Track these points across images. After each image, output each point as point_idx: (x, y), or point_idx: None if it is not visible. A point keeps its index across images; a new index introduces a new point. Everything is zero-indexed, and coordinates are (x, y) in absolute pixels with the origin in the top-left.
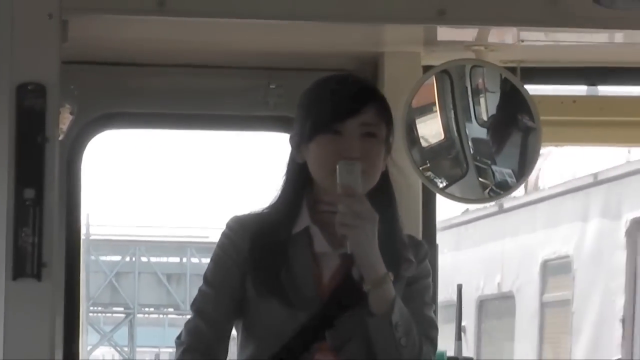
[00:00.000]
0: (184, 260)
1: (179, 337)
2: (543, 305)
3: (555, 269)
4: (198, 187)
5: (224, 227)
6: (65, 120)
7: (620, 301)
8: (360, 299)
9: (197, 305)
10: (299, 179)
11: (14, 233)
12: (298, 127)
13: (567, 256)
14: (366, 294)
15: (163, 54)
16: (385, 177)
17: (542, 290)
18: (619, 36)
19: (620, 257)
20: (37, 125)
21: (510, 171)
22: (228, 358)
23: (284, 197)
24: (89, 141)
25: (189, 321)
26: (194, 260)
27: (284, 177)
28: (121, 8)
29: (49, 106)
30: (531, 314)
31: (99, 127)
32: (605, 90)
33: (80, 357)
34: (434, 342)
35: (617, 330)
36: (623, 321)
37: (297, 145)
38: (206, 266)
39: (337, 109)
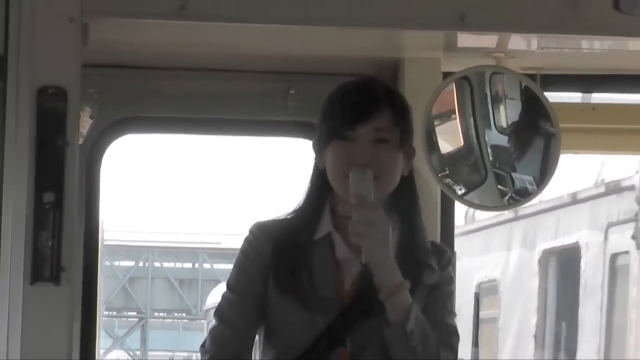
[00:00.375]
0: (196, 265)
1: (203, 345)
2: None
3: (487, 291)
4: (210, 193)
5: (235, 233)
6: (85, 124)
7: (533, 320)
8: (380, 305)
9: (221, 312)
10: (321, 184)
11: (33, 237)
12: (317, 133)
13: (495, 280)
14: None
15: (183, 58)
16: (407, 182)
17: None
18: (638, 43)
19: (535, 282)
20: (57, 128)
21: (530, 178)
22: None
23: (307, 202)
24: (108, 145)
25: (213, 328)
26: (206, 265)
27: (308, 183)
28: (142, 12)
29: (70, 110)
30: (468, 328)
31: (118, 131)
32: (625, 97)
33: None
34: (454, 350)
35: (531, 344)
36: (535, 337)
37: (319, 151)
38: (217, 272)
39: (348, 115)
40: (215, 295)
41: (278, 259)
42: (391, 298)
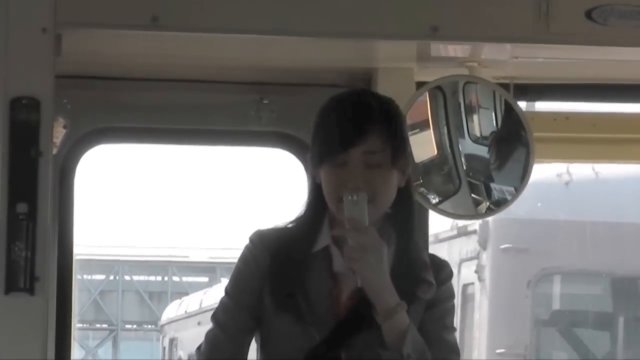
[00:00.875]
0: (166, 278)
1: (199, 348)
2: None
3: None
4: (178, 207)
5: (202, 247)
6: (59, 134)
7: None
8: (376, 320)
9: (217, 316)
10: (319, 197)
11: (6, 247)
12: (310, 151)
13: None
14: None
15: (156, 69)
16: (404, 194)
17: None
18: (611, 53)
19: None
20: (30, 139)
21: (512, 188)
22: None
23: (305, 214)
24: (81, 156)
25: (208, 332)
26: (175, 278)
27: (307, 194)
28: (115, 23)
29: (43, 120)
30: None
31: (92, 141)
32: (598, 107)
33: None
34: None
35: None
36: None
37: (313, 168)
38: (186, 284)
39: (338, 140)
40: (170, 312)
41: (275, 271)
42: (387, 321)
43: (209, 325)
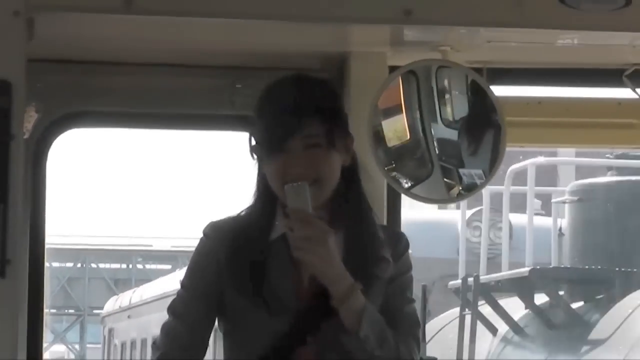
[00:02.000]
0: (130, 266)
1: (154, 343)
2: None
3: None
4: (143, 196)
5: (165, 236)
6: (31, 118)
7: None
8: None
9: (173, 308)
10: (268, 185)
11: None
12: (250, 142)
13: None
14: None
15: (129, 53)
16: (350, 173)
17: None
18: (585, 37)
19: None
20: (2, 122)
21: (480, 172)
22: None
23: (258, 203)
24: (54, 140)
25: (165, 324)
26: (139, 266)
27: (256, 183)
28: (88, 6)
29: (15, 104)
30: None
31: (64, 126)
32: (571, 91)
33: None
34: (416, 339)
35: None
36: None
37: (257, 158)
38: (149, 272)
39: (273, 132)
40: (109, 306)
41: (234, 262)
42: (343, 304)
43: (136, 319)
